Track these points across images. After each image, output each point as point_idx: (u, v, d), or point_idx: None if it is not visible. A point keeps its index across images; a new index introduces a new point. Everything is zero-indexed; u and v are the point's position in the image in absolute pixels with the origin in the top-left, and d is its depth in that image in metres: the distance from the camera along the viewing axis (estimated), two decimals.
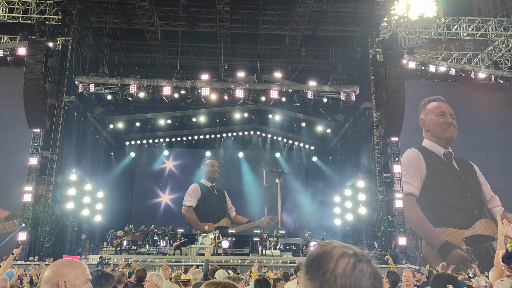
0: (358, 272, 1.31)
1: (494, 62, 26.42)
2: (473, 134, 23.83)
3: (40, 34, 20.92)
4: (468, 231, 20.55)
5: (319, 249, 1.38)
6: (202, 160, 30.41)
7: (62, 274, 2.19)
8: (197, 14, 23.48)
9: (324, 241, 1.42)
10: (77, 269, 2.24)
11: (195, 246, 22.24)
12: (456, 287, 3.67)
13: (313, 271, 1.33)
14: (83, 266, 2.27)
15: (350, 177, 24.80)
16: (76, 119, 22.67)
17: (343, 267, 1.31)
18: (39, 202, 20.71)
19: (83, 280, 2.23)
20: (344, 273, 1.30)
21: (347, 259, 1.33)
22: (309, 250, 1.54)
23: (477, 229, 20.54)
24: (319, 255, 1.35)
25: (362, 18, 23.41)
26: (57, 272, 2.19)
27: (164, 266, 7.09)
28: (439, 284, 3.71)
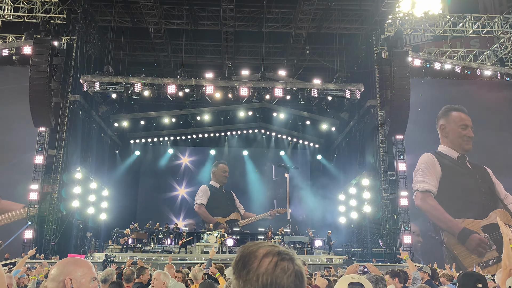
0: (279, 270, 1.33)
1: (500, 59, 26.25)
2: (479, 132, 23.72)
3: (45, 33, 21.01)
4: (484, 221, 21.62)
5: (246, 249, 1.40)
6: (214, 162, 30.76)
7: (68, 272, 2.19)
8: (201, 13, 23.48)
9: (253, 242, 1.44)
10: (83, 268, 2.24)
11: (200, 244, 22.28)
12: (485, 286, 3.66)
13: (239, 271, 1.36)
14: (89, 265, 2.28)
15: (355, 175, 24.74)
16: (81, 117, 22.75)
17: (265, 265, 1.33)
18: (44, 200, 20.84)
19: (89, 279, 2.23)
20: (266, 271, 1.32)
21: (270, 258, 1.35)
22: (237, 251, 1.55)
23: (493, 218, 21.58)
24: (245, 254, 1.38)
25: (366, 15, 23.31)
26: (63, 270, 2.20)
27: (168, 264, 7.11)
28: (468, 282, 3.71)
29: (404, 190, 21.91)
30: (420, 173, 22.64)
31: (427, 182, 22.56)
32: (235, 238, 23.05)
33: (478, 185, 22.56)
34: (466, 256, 21.39)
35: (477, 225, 21.59)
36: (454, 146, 23.15)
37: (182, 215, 30.01)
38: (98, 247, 23.87)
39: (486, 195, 22.32)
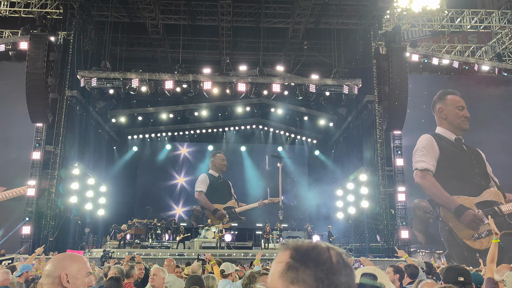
0: (347, 262, 1.27)
1: (497, 54, 26.26)
2: (477, 127, 23.81)
3: (42, 28, 20.90)
4: (477, 198, 23.01)
5: (306, 243, 1.28)
6: (212, 152, 31.09)
7: (64, 267, 2.21)
8: (199, 8, 23.38)
9: (301, 239, 1.34)
10: (78, 263, 2.26)
11: (198, 239, 22.33)
12: (467, 279, 3.70)
13: (311, 261, 1.23)
14: (83, 260, 2.30)
15: (353, 171, 24.79)
16: (79, 113, 22.69)
17: (335, 257, 1.24)
18: (42, 196, 20.81)
19: (84, 273, 2.25)
20: (338, 263, 1.24)
21: (334, 251, 1.26)
22: (290, 244, 1.38)
23: (486, 196, 23.07)
24: (312, 246, 1.26)
25: (364, 11, 23.26)
26: (58, 266, 2.21)
27: (169, 259, 7.12)
28: (450, 276, 3.75)
29: (402, 185, 21.98)
30: (420, 153, 23.49)
31: (425, 161, 23.32)
32: (233, 234, 23.10)
33: (473, 166, 23.69)
34: (461, 229, 22.33)
35: (471, 202, 22.88)
36: (452, 128, 24.09)
37: (182, 202, 30.23)
38: (96, 243, 23.90)
39: (480, 175, 23.54)
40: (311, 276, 1.19)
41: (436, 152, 23.59)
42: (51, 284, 2.18)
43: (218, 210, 29.20)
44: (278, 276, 1.21)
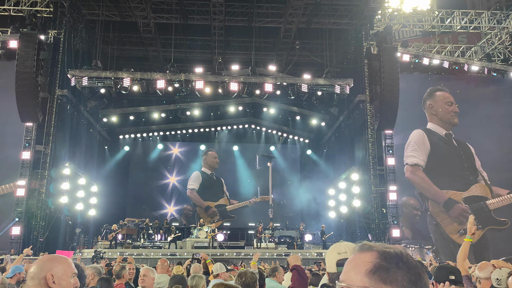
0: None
1: (487, 54, 26.51)
2: (466, 126, 24.08)
3: (32, 26, 20.69)
4: (465, 193, 23.51)
5: (391, 246, 1.34)
6: (204, 151, 31.18)
7: (49, 268, 2.20)
8: (191, 7, 23.31)
9: (385, 244, 1.37)
10: (63, 264, 2.25)
11: (190, 239, 22.27)
12: (458, 278, 3.74)
13: (403, 263, 1.28)
14: (68, 261, 2.29)
15: (345, 170, 24.90)
16: (69, 112, 22.50)
17: (419, 264, 1.31)
18: (32, 196, 20.60)
19: (69, 274, 2.25)
20: (422, 268, 1.31)
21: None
22: (377, 247, 1.38)
23: (473, 191, 23.58)
24: (400, 250, 1.32)
25: (356, 11, 23.37)
26: (43, 267, 2.20)
27: (162, 259, 7.09)
28: (441, 274, 3.78)
29: (393, 184, 22.13)
30: (411, 148, 23.84)
31: (416, 156, 23.67)
32: (225, 233, 23.08)
33: (462, 160, 24.12)
34: (447, 224, 22.61)
35: (459, 197, 23.33)
36: (442, 123, 24.57)
37: (174, 201, 30.22)
38: (87, 243, 23.73)
39: (468, 170, 24.02)
40: (404, 277, 1.24)
41: (427, 147, 23.98)
42: (37, 286, 2.17)
43: (210, 208, 29.31)
44: (364, 275, 1.26)
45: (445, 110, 24.62)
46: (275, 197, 29.11)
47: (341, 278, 1.31)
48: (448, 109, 24.62)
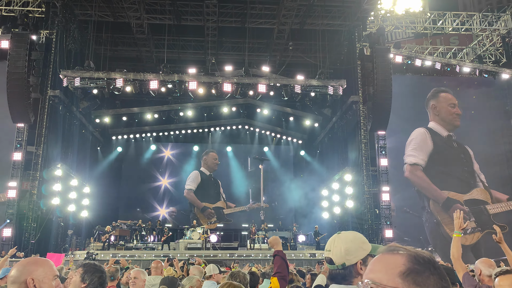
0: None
1: (478, 56, 26.75)
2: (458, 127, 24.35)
3: (23, 27, 20.52)
4: (466, 195, 23.55)
5: (424, 253, 1.36)
6: (205, 151, 31.10)
7: (29, 272, 2.17)
8: (184, 8, 23.27)
9: (410, 247, 1.40)
10: (44, 267, 2.22)
11: (183, 240, 22.21)
12: (453, 279, 3.71)
13: (435, 269, 1.32)
14: (49, 263, 2.26)
15: (338, 171, 24.97)
16: (61, 113, 22.34)
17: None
18: (24, 198, 20.42)
19: (51, 277, 2.22)
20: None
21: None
22: (408, 250, 1.41)
23: (474, 195, 23.64)
24: (432, 258, 1.35)
25: (349, 12, 23.47)
26: (23, 271, 2.17)
27: (156, 261, 7.05)
28: None
29: (386, 185, 22.22)
30: (411, 147, 23.94)
31: (415, 156, 23.73)
32: (218, 234, 23.04)
33: (462, 163, 24.18)
34: (448, 223, 22.56)
35: (461, 198, 23.36)
36: (444, 124, 24.64)
37: (166, 203, 30.16)
38: (79, 245, 23.56)
39: (468, 173, 24.09)
40: (437, 283, 1.27)
41: (429, 146, 24.04)
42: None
43: (207, 208, 29.18)
44: (398, 276, 1.28)
45: (447, 112, 24.75)
46: (268, 198, 29.19)
47: (368, 276, 1.33)
48: (450, 111, 24.74)
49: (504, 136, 24.80)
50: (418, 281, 1.26)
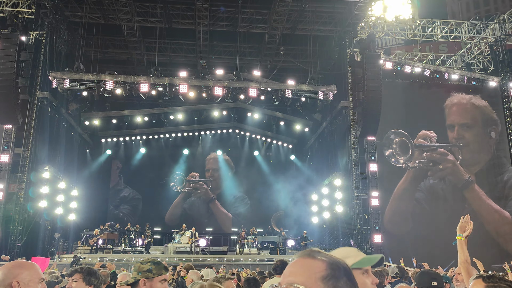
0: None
1: (467, 64, 27.13)
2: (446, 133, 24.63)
3: (13, 27, 20.30)
4: None
5: (341, 262, 1.44)
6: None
7: (14, 275, 2.16)
8: (175, 11, 23.26)
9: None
10: (30, 270, 2.21)
11: (172, 244, 22.08)
12: (440, 284, 3.74)
13: (349, 277, 1.41)
14: (35, 266, 2.25)
15: (327, 176, 25.06)
16: (50, 115, 22.13)
17: None
18: (10, 200, 20.13)
19: (36, 280, 2.21)
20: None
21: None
22: (328, 257, 1.49)
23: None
24: (347, 267, 1.43)
25: (340, 18, 23.66)
26: (8, 274, 2.16)
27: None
28: (423, 281, 3.78)
29: (375, 190, 22.35)
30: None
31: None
32: (208, 239, 22.95)
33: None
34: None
35: None
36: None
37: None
38: (66, 248, 23.29)
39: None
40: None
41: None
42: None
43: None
44: (319, 280, 1.35)
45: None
46: (257, 201, 29.17)
47: (288, 279, 1.38)
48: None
49: (492, 143, 25.10)
50: (338, 286, 1.35)
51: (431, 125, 24.77)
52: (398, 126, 24.47)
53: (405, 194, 23.47)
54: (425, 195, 23.72)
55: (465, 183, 23.94)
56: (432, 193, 23.70)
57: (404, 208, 23.23)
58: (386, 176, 23.41)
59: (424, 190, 23.79)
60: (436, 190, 23.78)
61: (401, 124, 24.53)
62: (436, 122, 24.84)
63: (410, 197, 23.50)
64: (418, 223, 23.01)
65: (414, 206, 23.47)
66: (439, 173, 23.85)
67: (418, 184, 23.82)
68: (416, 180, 23.79)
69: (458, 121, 25.03)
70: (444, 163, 24.04)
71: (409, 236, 22.68)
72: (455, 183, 23.98)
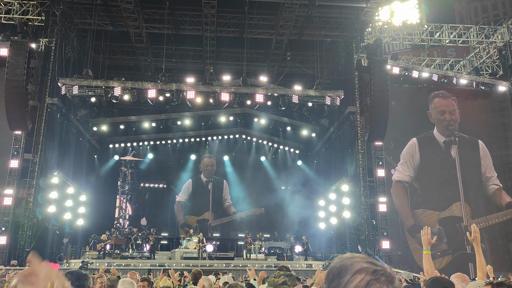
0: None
1: (475, 68, 26.93)
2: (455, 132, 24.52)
3: (23, 35, 20.60)
4: (443, 213, 22.74)
5: (340, 261, 1.36)
6: (202, 156, 31.09)
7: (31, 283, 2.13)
8: (183, 17, 23.43)
9: (350, 254, 1.39)
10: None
11: (179, 250, 22.09)
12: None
13: (329, 282, 1.32)
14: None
15: (335, 181, 24.96)
16: (59, 121, 22.35)
17: (356, 282, 1.27)
18: (19, 206, 20.32)
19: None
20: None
21: (363, 275, 1.29)
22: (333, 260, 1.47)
23: (453, 211, 22.87)
24: (338, 266, 1.33)
25: (347, 23, 23.66)
26: (25, 282, 2.13)
27: (131, 272, 6.99)
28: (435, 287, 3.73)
29: (383, 196, 22.20)
30: (400, 162, 23.77)
31: (401, 171, 23.55)
32: (215, 244, 22.93)
33: (452, 176, 23.49)
34: (415, 249, 22.00)
35: (435, 217, 22.68)
36: (441, 130, 24.35)
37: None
38: (74, 253, 23.42)
39: (456, 184, 23.30)
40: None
41: (416, 160, 23.73)
42: None
43: (185, 226, 28.92)
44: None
45: (438, 121, 24.50)
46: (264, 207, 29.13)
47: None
48: (440, 119, 24.43)
49: (501, 148, 24.84)
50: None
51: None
52: (405, 131, 24.37)
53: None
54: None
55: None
56: None
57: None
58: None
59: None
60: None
61: (408, 129, 24.42)
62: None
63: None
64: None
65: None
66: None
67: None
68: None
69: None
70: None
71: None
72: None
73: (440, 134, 24.26)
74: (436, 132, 24.30)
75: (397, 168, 23.47)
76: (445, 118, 24.36)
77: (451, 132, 24.19)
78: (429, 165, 23.64)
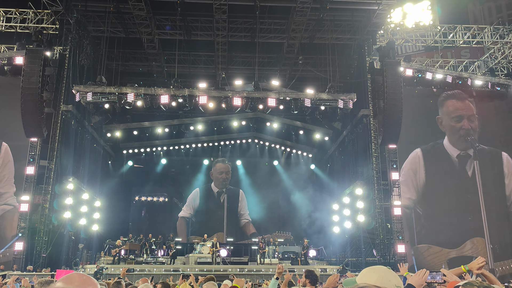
0: None
1: (490, 69, 26.54)
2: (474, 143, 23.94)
3: (38, 43, 20.96)
4: (454, 251, 18.23)
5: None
6: (213, 161, 29.67)
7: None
8: (194, 23, 23.57)
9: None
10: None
11: (193, 255, 22.10)
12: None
13: None
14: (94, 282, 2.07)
15: (348, 185, 24.76)
16: (74, 128, 22.62)
17: None
18: (36, 212, 20.59)
19: None
20: None
21: None
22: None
23: (467, 249, 18.13)
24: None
25: (359, 26, 23.53)
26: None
27: (143, 278, 6.99)
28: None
29: (398, 199, 21.92)
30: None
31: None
32: (228, 249, 22.89)
33: (467, 200, 18.69)
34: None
35: (444, 256, 18.13)
36: (454, 142, 19.91)
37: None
38: (90, 259, 23.59)
39: (474, 213, 18.49)
40: None
41: (420, 179, 20.45)
42: None
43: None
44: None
45: (451, 129, 20.52)
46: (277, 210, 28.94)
47: None
48: (454, 127, 20.40)
49: None
50: None
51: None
52: (419, 133, 24.02)
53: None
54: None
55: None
56: None
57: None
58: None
59: None
60: None
61: (422, 131, 24.08)
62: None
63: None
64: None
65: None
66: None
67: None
68: None
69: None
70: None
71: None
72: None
73: (452, 146, 19.73)
74: (447, 142, 19.83)
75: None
76: (462, 126, 20.08)
77: (470, 144, 19.45)
78: (437, 186, 19.42)
